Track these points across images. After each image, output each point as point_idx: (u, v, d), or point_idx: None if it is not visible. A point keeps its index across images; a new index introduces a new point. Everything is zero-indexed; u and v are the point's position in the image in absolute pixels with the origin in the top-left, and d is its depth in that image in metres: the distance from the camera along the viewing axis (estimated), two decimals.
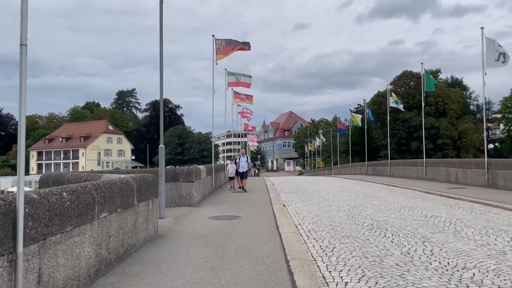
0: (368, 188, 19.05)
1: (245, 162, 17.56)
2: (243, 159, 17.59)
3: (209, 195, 15.77)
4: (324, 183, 23.57)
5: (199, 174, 13.45)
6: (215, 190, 17.97)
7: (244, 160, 17.64)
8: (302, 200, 14.23)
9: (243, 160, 17.52)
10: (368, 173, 34.84)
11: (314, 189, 18.64)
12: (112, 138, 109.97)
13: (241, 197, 14.89)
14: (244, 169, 17.46)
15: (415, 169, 24.75)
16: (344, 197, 14.84)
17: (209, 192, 16.15)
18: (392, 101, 28.71)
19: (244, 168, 17.45)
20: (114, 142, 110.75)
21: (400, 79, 78.50)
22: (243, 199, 14.09)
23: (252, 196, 15.46)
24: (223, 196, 15.43)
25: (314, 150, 70.70)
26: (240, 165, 17.52)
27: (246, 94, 27.73)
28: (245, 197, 14.92)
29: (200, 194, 13.56)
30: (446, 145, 71.08)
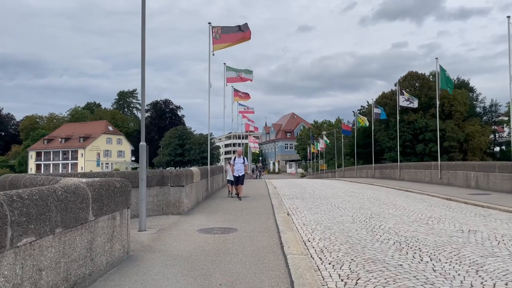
0: (381, 193, 17.30)
1: (241, 164, 14.94)
2: (239, 161, 14.95)
3: (203, 200, 14.06)
4: (331, 187, 21.82)
5: (191, 178, 11.73)
6: (211, 194, 16.24)
7: (240, 161, 14.97)
8: (308, 207, 12.50)
9: (238, 162, 14.92)
10: (375, 176, 33.08)
11: (321, 194, 16.91)
12: (112, 139, 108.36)
13: (239, 204, 13.17)
14: (240, 173, 14.83)
15: (428, 172, 23.00)
16: (356, 204, 13.10)
17: (204, 197, 14.43)
18: (402, 100, 26.90)
19: (240, 171, 14.83)
20: (114, 142, 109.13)
21: (405, 80, 76.74)
22: (242, 207, 12.36)
23: (251, 202, 13.74)
24: (219, 203, 13.70)
25: (317, 153, 68.93)
26: (235, 167, 14.89)
27: (243, 92, 26.12)
28: (243, 204, 13.19)
29: (192, 201, 11.84)
30: (452, 148, 69.31)
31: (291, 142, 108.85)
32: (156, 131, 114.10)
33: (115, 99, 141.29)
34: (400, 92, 27.27)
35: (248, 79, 20.29)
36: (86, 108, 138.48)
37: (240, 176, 14.86)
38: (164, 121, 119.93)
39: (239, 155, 15.09)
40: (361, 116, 40.53)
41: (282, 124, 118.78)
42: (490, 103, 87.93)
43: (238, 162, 14.96)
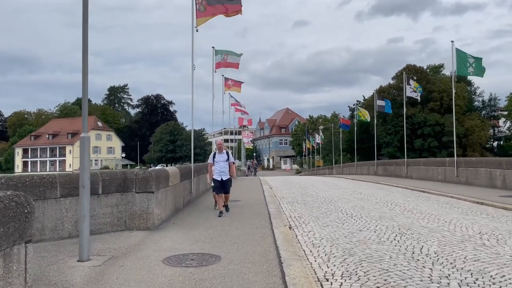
0: (395, 195, 14.83)
1: (224, 163, 10.24)
2: (221, 157, 10.28)
3: (184, 207, 11.49)
4: (334, 187, 19.32)
5: (166, 180, 9.17)
6: (196, 199, 13.68)
7: (222, 158, 10.27)
8: (314, 216, 9.98)
9: (220, 159, 10.25)
10: (377, 174, 30.69)
11: (325, 197, 14.41)
12: (101, 135, 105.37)
13: (228, 214, 10.62)
14: (224, 176, 10.20)
15: (441, 170, 20.58)
16: (373, 211, 10.59)
17: (186, 203, 11.86)
18: (410, 91, 24.45)
19: (223, 173, 10.20)
20: (104, 139, 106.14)
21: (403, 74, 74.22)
22: (231, 217, 9.82)
23: (243, 210, 11.20)
24: (203, 211, 11.13)
25: (312, 148, 66.52)
26: (216, 167, 10.24)
27: (234, 80, 23.62)
28: (233, 213, 10.65)
29: (167, 210, 9.28)
30: (451, 143, 67.02)
31: (286, 137, 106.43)
32: (148, 127, 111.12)
33: (106, 95, 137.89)
34: (408, 81, 24.79)
35: (234, 65, 17.86)
36: (76, 103, 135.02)
37: (224, 180, 10.21)
38: (155, 116, 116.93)
39: (220, 150, 10.37)
40: (361, 109, 38.02)
41: (277, 119, 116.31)
42: (489, 97, 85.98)
43: (220, 159, 10.23)
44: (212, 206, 11.24)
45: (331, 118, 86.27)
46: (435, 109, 67.33)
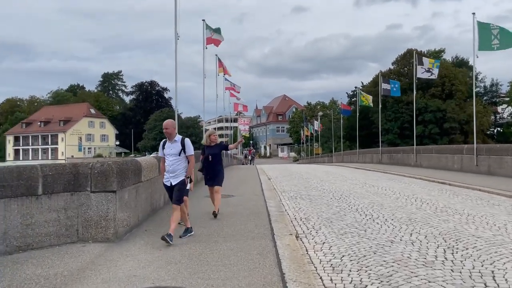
0: (415, 188, 12.83)
1: (174, 157, 6.36)
2: (171, 148, 6.40)
3: (166, 206, 9.41)
4: (340, 177, 17.31)
5: (136, 174, 7.10)
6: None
7: (173, 150, 6.38)
8: (326, 218, 7.95)
9: (170, 151, 6.39)
10: (382, 162, 28.72)
11: (332, 190, 12.40)
12: (94, 122, 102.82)
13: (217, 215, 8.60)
14: (174, 179, 6.35)
15: (457, 158, 18.61)
16: (398, 210, 8.54)
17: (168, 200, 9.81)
18: (421, 71, 22.29)
19: (172, 173, 6.37)
20: (97, 126, 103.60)
21: (404, 58, 72.13)
22: (220, 220, 7.77)
23: (236, 208, 9.17)
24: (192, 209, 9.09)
25: (310, 136, 64.51)
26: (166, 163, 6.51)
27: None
28: (224, 213, 8.63)
29: (137, 212, 7.23)
30: (453, 130, 65.31)
31: (283, 125, 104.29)
32: (142, 114, 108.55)
33: (100, 81, 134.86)
34: (418, 61, 22.64)
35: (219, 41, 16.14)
36: (69, 90, 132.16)
37: (174, 185, 6.32)
38: (150, 103, 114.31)
39: (170, 133, 6.41)
40: (364, 94, 35.89)
41: (274, 106, 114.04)
42: (491, 83, 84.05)
43: (170, 152, 6.37)
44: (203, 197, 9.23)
45: (330, 105, 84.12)
46: (437, 94, 65.32)
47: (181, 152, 6.33)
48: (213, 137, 8.25)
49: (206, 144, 8.23)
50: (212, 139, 8.22)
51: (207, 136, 8.27)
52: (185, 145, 6.39)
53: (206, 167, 8.21)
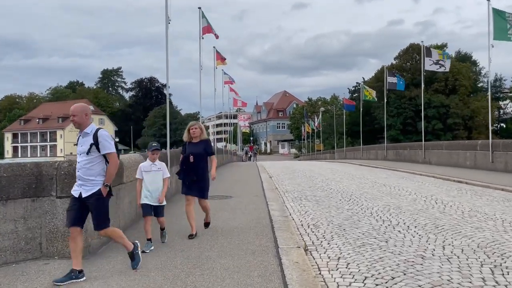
0: (431, 188, 11.75)
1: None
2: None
3: None
4: (346, 175, 16.22)
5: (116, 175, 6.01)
6: (176, 195, 10.58)
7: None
8: (337, 225, 6.87)
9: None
10: (387, 158, 27.65)
11: (341, 190, 11.33)
12: (93, 119, 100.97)
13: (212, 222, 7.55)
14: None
15: (470, 154, 17.53)
16: (420, 215, 7.45)
17: None
18: (430, 63, 21.16)
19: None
20: (96, 123, 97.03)
21: (406, 53, 70.97)
22: (215, 230, 6.70)
23: (234, 213, 8.12)
24: (179, 215, 8.04)
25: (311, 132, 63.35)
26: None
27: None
28: (220, 218, 7.58)
29: (116, 221, 6.11)
30: (457, 125, 64.18)
31: (284, 121, 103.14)
32: (141, 111, 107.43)
33: (99, 78, 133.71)
34: (426, 53, 21.49)
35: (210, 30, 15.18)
36: (69, 87, 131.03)
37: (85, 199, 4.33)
38: (149, 100, 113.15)
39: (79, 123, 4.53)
40: (368, 88, 34.76)
41: (274, 102, 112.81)
42: (495, 78, 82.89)
43: (80, 148, 4.42)
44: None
45: (331, 101, 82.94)
46: (440, 90, 64.19)
47: (91, 149, 4.28)
48: (192, 131, 6.22)
49: (187, 140, 6.33)
50: (192, 133, 6.22)
51: (186, 129, 6.32)
52: (98, 139, 4.34)
53: (184, 170, 6.17)
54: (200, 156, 6.22)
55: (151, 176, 5.64)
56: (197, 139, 6.28)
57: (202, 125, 6.44)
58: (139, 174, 5.69)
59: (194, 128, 6.28)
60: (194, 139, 6.28)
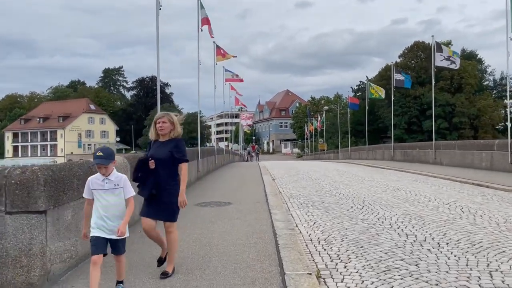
0: (451, 193, 10.68)
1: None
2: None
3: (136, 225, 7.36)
4: (354, 177, 15.16)
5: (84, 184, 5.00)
6: None
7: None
8: (353, 240, 5.82)
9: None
10: (395, 159, 26.59)
11: (351, 195, 10.27)
12: (94, 118, 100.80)
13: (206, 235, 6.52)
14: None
15: (486, 154, 16.45)
16: (447, 227, 6.38)
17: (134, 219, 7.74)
18: (440, 59, 20.10)
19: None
20: (97, 122, 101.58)
21: (411, 51, 69.83)
22: (208, 243, 5.65)
23: (232, 225, 7.08)
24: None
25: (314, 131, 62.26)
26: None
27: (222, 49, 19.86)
28: (215, 230, 6.56)
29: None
30: (462, 124, 63.05)
31: (286, 120, 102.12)
32: (143, 110, 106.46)
33: (100, 77, 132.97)
34: (437, 48, 20.41)
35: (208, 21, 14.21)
36: (70, 86, 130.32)
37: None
38: (151, 99, 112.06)
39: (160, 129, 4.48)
40: (374, 86, 33.66)
41: (276, 101, 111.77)
42: (501, 76, 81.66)
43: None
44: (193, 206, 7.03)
45: (334, 99, 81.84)
46: (445, 88, 63.09)
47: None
48: (159, 125, 4.46)
49: (153, 138, 4.60)
50: (159, 128, 4.47)
51: (152, 123, 4.60)
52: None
53: (140, 180, 4.44)
54: (165, 161, 4.39)
55: (105, 196, 3.78)
56: (166, 137, 4.50)
57: (175, 117, 4.58)
58: (87, 192, 3.86)
59: (162, 122, 4.47)
60: (162, 137, 4.52)
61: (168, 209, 4.42)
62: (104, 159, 3.74)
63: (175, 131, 4.54)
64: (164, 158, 4.41)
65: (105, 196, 3.79)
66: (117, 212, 3.81)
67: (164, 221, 4.46)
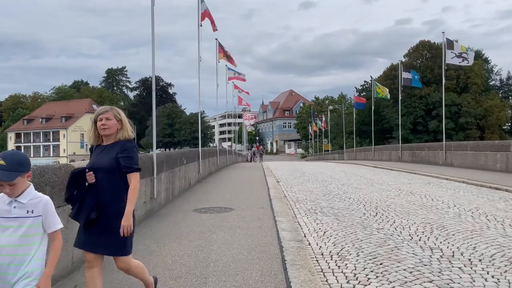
0: (470, 198, 9.91)
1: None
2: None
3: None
4: (363, 179, 14.40)
5: None
6: (161, 209, 8.90)
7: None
8: (371, 255, 5.07)
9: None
10: (402, 160, 25.82)
11: (362, 199, 9.54)
12: None
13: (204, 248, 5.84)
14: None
15: (501, 156, 15.67)
16: (478, 240, 5.63)
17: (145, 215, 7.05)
18: (452, 56, 19.32)
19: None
20: None
21: (416, 50, 69.00)
22: (205, 258, 4.95)
23: (233, 235, 6.37)
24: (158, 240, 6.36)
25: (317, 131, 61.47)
26: None
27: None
28: (213, 240, 5.86)
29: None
30: (469, 125, 62.16)
31: (290, 120, 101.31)
32: (146, 110, 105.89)
33: (104, 77, 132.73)
34: (448, 45, 19.64)
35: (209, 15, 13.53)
36: (73, 86, 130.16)
37: None
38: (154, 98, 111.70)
39: None
40: (380, 85, 32.89)
41: (280, 101, 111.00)
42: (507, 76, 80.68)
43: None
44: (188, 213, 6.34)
45: (339, 99, 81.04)
46: (451, 88, 62.30)
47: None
48: (102, 123, 3.33)
49: (94, 143, 3.47)
50: (101, 127, 3.34)
51: (92, 122, 3.46)
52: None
53: (77, 198, 3.25)
54: (109, 173, 3.22)
55: (8, 229, 2.42)
56: (111, 139, 3.35)
57: (122, 113, 3.44)
58: None
59: (105, 118, 3.31)
60: (106, 140, 3.36)
61: (114, 240, 3.16)
62: (5, 172, 2.33)
63: (123, 131, 3.36)
64: (108, 168, 3.20)
65: (8, 229, 2.40)
66: (27, 255, 2.42)
67: (120, 255, 3.24)
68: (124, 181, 3.25)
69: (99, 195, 3.19)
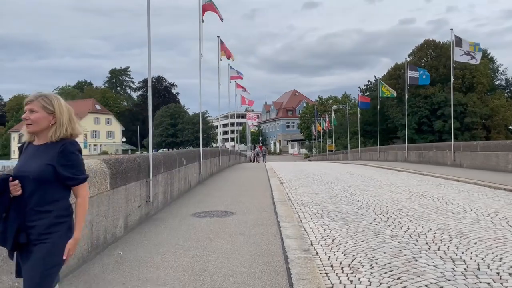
0: (487, 202, 9.41)
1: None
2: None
3: (118, 242, 6.17)
4: (370, 181, 13.86)
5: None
6: (157, 213, 8.40)
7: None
8: (386, 268, 4.55)
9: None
10: (409, 160, 25.24)
11: (371, 203, 9.01)
12: (100, 119, 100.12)
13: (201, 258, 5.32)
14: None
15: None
16: (504, 250, 5.11)
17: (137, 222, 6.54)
18: (460, 54, 18.74)
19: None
20: (103, 123, 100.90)
21: (421, 50, 68.39)
22: (201, 270, 4.44)
23: (233, 242, 5.85)
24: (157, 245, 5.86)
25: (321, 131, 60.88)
26: None
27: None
28: (212, 249, 5.34)
29: None
30: (475, 124, 61.48)
31: (293, 120, 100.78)
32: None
33: (107, 78, 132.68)
34: (456, 42, 19.04)
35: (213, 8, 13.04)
36: (77, 87, 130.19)
37: None
38: (157, 99, 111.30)
39: None
40: (385, 84, 32.29)
41: (283, 101, 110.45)
42: None
43: None
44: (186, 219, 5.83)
45: (342, 99, 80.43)
46: (457, 87, 61.65)
47: None
48: (23, 116, 2.53)
49: (26, 138, 2.61)
50: (24, 119, 2.53)
51: None
52: None
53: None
54: (40, 183, 2.41)
55: None
56: (42, 138, 2.53)
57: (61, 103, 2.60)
58: None
59: (29, 110, 2.50)
60: (38, 138, 2.55)
61: (38, 272, 2.32)
62: None
63: (59, 127, 2.50)
64: (39, 177, 2.39)
65: None
66: None
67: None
68: (60, 193, 2.46)
69: (25, 212, 2.38)
